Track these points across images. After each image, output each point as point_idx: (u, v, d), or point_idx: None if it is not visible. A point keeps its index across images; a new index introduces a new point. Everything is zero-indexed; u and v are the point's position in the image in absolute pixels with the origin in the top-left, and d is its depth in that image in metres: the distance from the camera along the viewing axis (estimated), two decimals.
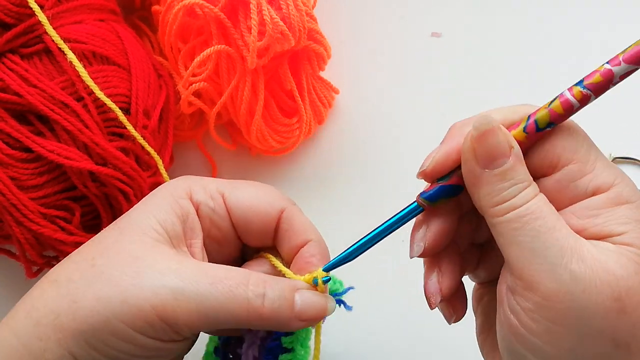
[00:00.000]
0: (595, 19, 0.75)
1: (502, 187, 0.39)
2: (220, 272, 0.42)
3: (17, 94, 0.56)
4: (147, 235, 0.43)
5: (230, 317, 0.41)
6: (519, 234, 0.38)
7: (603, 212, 0.39)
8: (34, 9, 0.57)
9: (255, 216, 0.47)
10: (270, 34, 0.60)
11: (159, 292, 0.40)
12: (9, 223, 0.57)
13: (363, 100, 0.72)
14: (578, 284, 0.37)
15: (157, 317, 0.40)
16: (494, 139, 0.39)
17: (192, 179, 0.47)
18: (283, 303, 0.43)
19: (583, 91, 0.40)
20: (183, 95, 0.64)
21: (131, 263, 0.41)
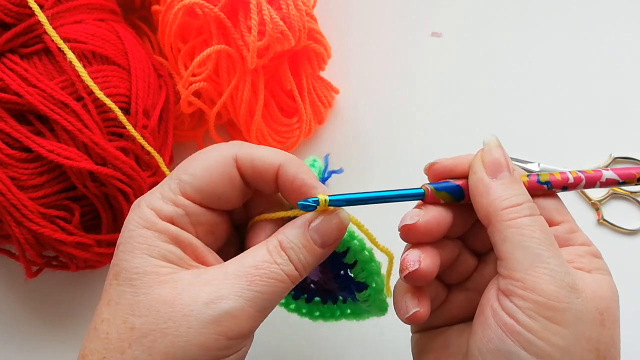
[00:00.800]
0: (595, 19, 0.75)
1: (511, 193, 0.44)
2: (247, 267, 0.43)
3: (16, 94, 0.56)
4: (160, 275, 0.42)
5: (280, 295, 0.43)
6: (526, 239, 0.42)
7: (587, 256, 0.45)
8: (33, 9, 0.57)
9: (217, 183, 0.45)
10: (270, 33, 0.60)
11: (217, 321, 0.41)
12: (8, 223, 0.56)
13: (363, 100, 0.72)
14: (574, 290, 0.42)
15: (228, 339, 0.41)
16: (499, 154, 0.46)
17: (146, 198, 0.45)
18: (305, 252, 0.44)
19: (578, 174, 0.47)
20: (183, 95, 0.64)
21: (171, 309, 0.41)
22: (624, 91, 0.73)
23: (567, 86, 0.73)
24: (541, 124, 0.72)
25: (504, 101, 0.72)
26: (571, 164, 0.70)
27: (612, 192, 0.69)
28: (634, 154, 0.70)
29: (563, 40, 0.74)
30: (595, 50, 0.73)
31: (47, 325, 0.65)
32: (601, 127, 0.71)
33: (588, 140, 0.71)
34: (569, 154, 0.70)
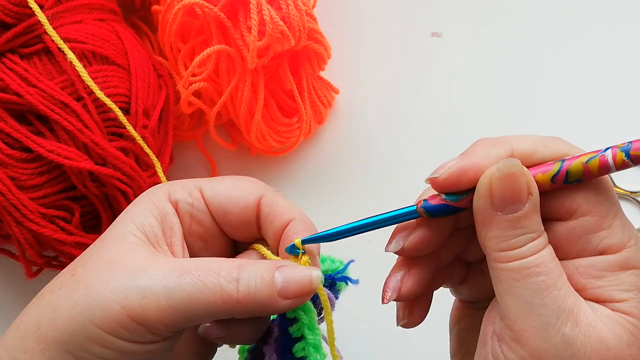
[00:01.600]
0: (595, 18, 0.75)
1: (512, 234, 0.38)
2: (191, 264, 0.41)
3: (16, 94, 0.56)
4: (125, 240, 0.42)
5: (204, 307, 0.40)
6: (518, 285, 0.38)
7: (607, 274, 0.38)
8: (33, 9, 0.57)
9: (233, 206, 0.45)
10: (270, 33, 0.60)
11: (127, 292, 0.39)
12: (8, 223, 0.56)
13: (363, 100, 0.72)
14: (568, 348, 0.36)
15: (128, 318, 0.39)
16: (515, 184, 0.38)
17: (172, 182, 0.47)
18: (260, 283, 0.41)
19: (625, 160, 0.38)
20: (183, 95, 0.64)
21: (106, 269, 0.41)
22: (624, 91, 0.72)
23: (567, 86, 0.73)
24: (541, 124, 0.72)
25: (504, 101, 0.72)
26: None
27: None
28: None
29: (563, 40, 0.74)
30: (595, 50, 0.73)
31: None
32: (601, 127, 0.71)
33: (588, 140, 0.71)
34: None
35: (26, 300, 0.66)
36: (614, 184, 0.69)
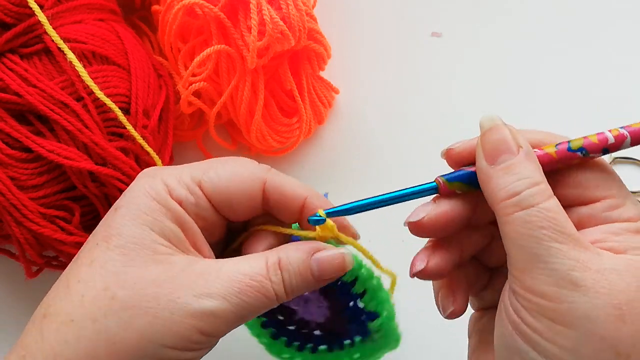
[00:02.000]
0: (596, 18, 0.75)
1: (507, 181, 0.40)
2: (242, 275, 0.42)
3: (16, 94, 0.56)
4: (156, 252, 0.42)
5: (262, 310, 0.43)
6: (523, 238, 0.39)
7: (625, 233, 0.40)
8: (33, 9, 0.57)
9: (238, 198, 0.45)
10: (270, 33, 0.60)
11: (199, 316, 0.41)
12: (8, 223, 0.56)
13: (363, 100, 0.72)
14: (578, 289, 0.38)
15: (202, 335, 0.41)
16: (498, 135, 0.41)
17: (164, 173, 0.45)
18: (301, 278, 0.44)
19: (620, 131, 0.42)
20: (183, 95, 0.64)
21: (159, 290, 0.41)
22: (624, 91, 0.73)
23: (568, 86, 0.73)
24: (541, 124, 0.71)
25: (504, 101, 0.72)
26: None
27: None
28: (634, 154, 0.70)
29: (563, 40, 0.74)
30: (595, 49, 0.73)
31: None
32: (601, 127, 0.71)
33: None
34: None
35: (26, 300, 0.66)
36: None
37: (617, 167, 0.70)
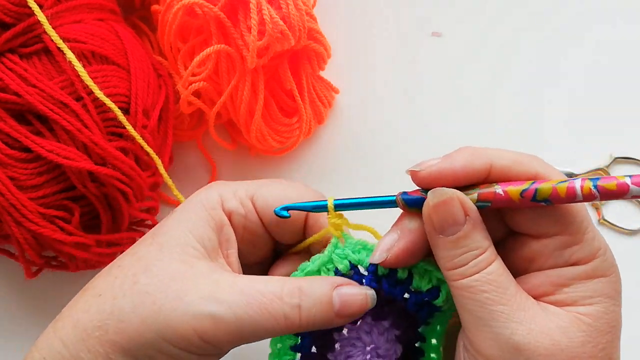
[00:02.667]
0: (596, 19, 0.75)
1: (454, 254, 0.42)
2: (254, 290, 0.43)
3: (16, 94, 0.56)
4: (186, 253, 0.45)
5: (268, 332, 0.43)
6: (467, 302, 0.41)
7: (575, 283, 0.42)
8: (33, 9, 0.57)
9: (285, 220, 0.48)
10: (270, 33, 0.60)
11: (200, 318, 0.42)
12: (8, 223, 0.56)
13: (363, 99, 0.72)
14: (520, 353, 0.40)
15: (199, 339, 0.42)
16: (448, 208, 0.42)
17: (222, 186, 0.49)
18: (320, 308, 0.44)
19: (592, 190, 0.40)
20: (182, 95, 0.64)
21: (172, 285, 0.43)
22: (625, 91, 0.72)
23: (568, 86, 0.73)
24: (541, 124, 0.72)
25: (504, 101, 0.72)
26: (571, 163, 0.70)
27: None
28: (634, 154, 0.70)
29: (563, 40, 0.74)
30: (595, 50, 0.73)
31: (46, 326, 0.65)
32: (601, 127, 0.71)
33: (588, 140, 0.71)
34: (570, 154, 0.70)
35: (26, 301, 0.66)
36: None
37: (617, 167, 0.70)
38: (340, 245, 0.47)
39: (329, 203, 0.46)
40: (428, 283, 0.46)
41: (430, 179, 0.43)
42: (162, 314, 0.42)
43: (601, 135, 0.71)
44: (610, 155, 0.70)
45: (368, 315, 0.46)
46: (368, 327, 0.47)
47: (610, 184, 0.39)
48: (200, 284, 0.43)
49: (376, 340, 0.46)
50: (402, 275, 0.46)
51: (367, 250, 0.47)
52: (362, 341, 0.46)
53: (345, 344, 0.47)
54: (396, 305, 0.47)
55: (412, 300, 0.46)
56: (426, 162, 0.44)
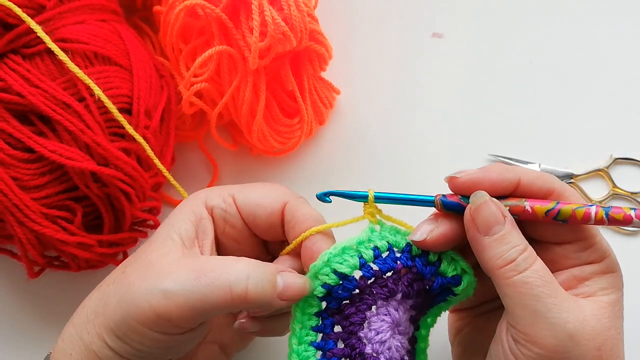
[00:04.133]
0: (596, 19, 0.75)
1: (502, 251, 0.46)
2: (207, 265, 0.47)
3: (19, 95, 0.56)
4: (165, 244, 0.50)
5: (215, 305, 0.46)
6: (524, 297, 0.45)
7: (594, 277, 0.48)
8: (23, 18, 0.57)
9: (261, 212, 0.52)
10: (271, 34, 0.60)
11: (155, 293, 0.46)
12: (10, 223, 0.57)
13: (364, 100, 0.72)
14: (572, 339, 0.45)
15: (155, 315, 0.46)
16: (489, 209, 0.47)
17: (210, 189, 0.54)
18: (266, 285, 0.47)
19: (604, 217, 0.47)
20: (184, 95, 0.64)
21: (145, 270, 0.48)
22: (625, 91, 0.73)
23: (568, 86, 0.73)
24: (542, 124, 0.72)
25: (505, 101, 0.73)
26: (571, 164, 0.70)
27: (612, 193, 0.69)
28: (634, 154, 0.70)
29: (564, 41, 0.74)
30: (595, 51, 0.74)
31: (48, 325, 0.65)
32: (601, 127, 0.71)
33: (588, 140, 0.71)
34: (570, 154, 0.70)
35: (28, 300, 0.66)
36: (615, 184, 0.69)
37: (617, 167, 0.70)
38: (377, 229, 0.51)
39: (370, 195, 0.50)
40: (453, 270, 0.50)
41: (467, 185, 0.49)
42: (130, 293, 0.47)
43: (601, 135, 0.71)
44: (610, 156, 0.70)
45: (399, 292, 0.49)
46: (396, 304, 0.50)
47: (619, 215, 0.47)
48: (164, 267, 0.47)
49: (401, 317, 0.50)
50: (433, 259, 0.50)
51: (400, 234, 0.51)
52: (390, 316, 0.49)
53: (375, 320, 0.49)
54: (421, 285, 0.50)
55: (438, 282, 0.50)
56: (464, 170, 0.49)
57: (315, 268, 0.49)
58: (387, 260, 0.49)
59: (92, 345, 0.48)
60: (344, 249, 0.49)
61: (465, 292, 0.51)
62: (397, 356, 0.49)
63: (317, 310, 0.50)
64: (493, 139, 0.71)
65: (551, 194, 0.49)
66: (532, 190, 0.49)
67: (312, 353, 0.49)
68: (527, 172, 0.49)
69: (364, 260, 0.49)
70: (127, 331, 0.47)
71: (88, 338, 0.48)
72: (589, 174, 0.70)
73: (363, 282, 0.49)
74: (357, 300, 0.49)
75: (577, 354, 0.45)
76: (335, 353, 0.48)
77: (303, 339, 0.49)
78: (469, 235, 0.48)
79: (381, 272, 0.49)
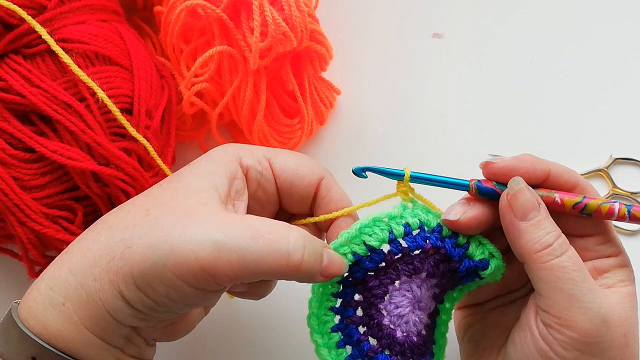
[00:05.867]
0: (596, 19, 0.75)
1: (539, 235, 0.47)
2: (263, 227, 0.45)
3: (20, 95, 0.56)
4: (199, 194, 0.46)
5: (269, 269, 0.44)
6: (561, 281, 0.46)
7: (613, 269, 0.50)
8: (26, 19, 0.57)
9: (299, 181, 0.51)
10: (272, 34, 0.60)
11: (204, 244, 0.42)
12: (11, 223, 0.57)
13: (364, 100, 0.73)
14: (605, 324, 0.46)
15: (200, 268, 0.42)
16: (526, 195, 0.48)
17: (240, 146, 0.51)
18: (318, 259, 0.46)
19: (626, 214, 0.50)
20: (185, 95, 0.64)
21: (182, 217, 0.44)
22: (625, 91, 0.73)
23: (568, 86, 0.73)
24: (542, 124, 0.72)
25: (505, 101, 0.73)
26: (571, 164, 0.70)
27: (612, 193, 0.69)
28: (634, 154, 0.70)
29: (564, 41, 0.74)
30: (595, 51, 0.74)
31: None
32: (601, 127, 0.72)
33: (588, 140, 0.71)
34: (570, 154, 0.71)
35: None
36: (615, 184, 0.69)
37: (617, 168, 0.70)
38: (409, 207, 0.51)
39: (406, 173, 0.51)
40: (481, 254, 0.51)
41: (503, 172, 0.50)
42: (168, 239, 0.43)
43: (601, 136, 0.71)
44: (610, 156, 0.70)
45: (423, 271, 0.50)
46: (419, 282, 0.50)
47: (638, 213, 0.50)
48: (209, 218, 0.44)
49: (423, 295, 0.50)
50: (462, 241, 0.51)
51: (432, 214, 0.52)
52: (412, 293, 0.50)
53: (397, 294, 0.50)
54: (448, 267, 0.50)
55: (465, 265, 0.50)
56: (499, 157, 0.51)
57: (346, 235, 0.49)
58: (416, 239, 0.50)
59: (100, 294, 0.43)
60: (374, 220, 0.50)
61: (493, 276, 0.52)
62: (414, 330, 0.50)
63: (340, 278, 0.50)
64: (493, 139, 0.71)
65: (576, 187, 0.51)
66: (560, 183, 0.50)
67: (330, 317, 0.50)
68: (556, 165, 0.51)
69: (394, 236, 0.49)
70: (155, 281, 0.43)
71: (94, 285, 0.43)
72: (588, 174, 0.70)
73: (390, 257, 0.49)
74: (381, 274, 0.50)
75: (608, 339, 0.46)
76: (353, 320, 0.50)
77: (323, 303, 0.50)
78: (504, 220, 0.49)
79: (409, 250, 0.49)
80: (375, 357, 0.49)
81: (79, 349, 0.44)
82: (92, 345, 0.44)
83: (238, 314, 0.65)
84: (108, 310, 0.44)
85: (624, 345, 0.47)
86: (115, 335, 0.45)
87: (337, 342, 0.50)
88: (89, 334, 0.44)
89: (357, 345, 0.49)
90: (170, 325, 0.50)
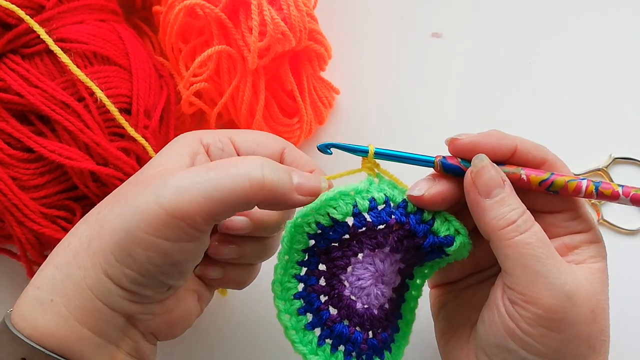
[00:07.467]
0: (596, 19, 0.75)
1: (503, 212, 0.47)
2: (219, 161, 0.46)
3: (18, 94, 0.56)
4: (162, 166, 0.47)
5: (235, 193, 0.44)
6: (525, 257, 0.46)
7: (583, 246, 0.50)
8: (24, 18, 0.57)
9: (261, 149, 0.51)
10: (271, 34, 0.60)
11: (163, 193, 0.43)
12: (10, 223, 0.57)
13: (363, 100, 0.73)
14: (570, 300, 0.46)
15: (168, 215, 0.43)
16: (490, 173, 0.48)
17: (202, 131, 0.52)
18: (283, 174, 0.46)
19: (593, 191, 0.49)
20: (184, 95, 0.64)
21: (144, 184, 0.45)
22: (625, 91, 0.73)
23: (567, 86, 0.73)
24: (541, 124, 0.72)
25: (504, 101, 0.73)
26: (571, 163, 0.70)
27: None
28: (634, 154, 0.70)
29: (563, 40, 0.74)
30: (595, 50, 0.74)
31: None
32: (601, 127, 0.71)
33: (588, 140, 0.71)
34: (569, 154, 0.70)
35: None
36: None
37: (617, 167, 0.70)
38: (375, 182, 0.51)
39: (370, 149, 0.51)
40: (446, 230, 0.50)
41: (468, 148, 0.49)
42: (133, 203, 0.44)
43: (601, 135, 0.71)
44: (610, 156, 0.70)
45: (387, 246, 0.50)
46: (383, 256, 0.50)
47: (607, 190, 0.49)
48: (168, 176, 0.45)
49: (386, 269, 0.50)
50: (427, 217, 0.50)
51: (397, 190, 0.52)
52: (374, 266, 0.50)
53: (359, 267, 0.50)
54: (412, 242, 0.50)
55: (429, 241, 0.50)
56: (464, 133, 0.50)
57: (312, 205, 0.49)
58: (381, 214, 0.49)
59: (86, 280, 0.44)
60: (340, 193, 0.50)
61: (459, 252, 0.52)
62: (376, 303, 0.50)
63: (305, 247, 0.51)
64: None
65: (544, 163, 0.50)
66: (527, 158, 0.50)
67: (294, 285, 0.51)
68: (523, 141, 0.50)
69: (358, 210, 0.49)
70: (133, 249, 0.43)
71: (80, 273, 0.44)
72: (588, 173, 0.70)
73: (353, 230, 0.49)
74: (344, 245, 0.50)
75: (574, 314, 0.46)
76: (316, 289, 0.50)
77: (288, 270, 0.51)
78: (469, 197, 0.49)
79: (373, 224, 0.49)
80: (334, 326, 0.50)
81: (71, 346, 0.44)
82: (85, 341, 0.44)
83: (236, 314, 0.65)
84: (97, 296, 0.44)
85: (591, 321, 0.46)
86: (109, 327, 0.45)
87: (299, 308, 0.50)
88: (81, 329, 0.44)
89: (317, 313, 0.50)
90: (167, 313, 0.49)
